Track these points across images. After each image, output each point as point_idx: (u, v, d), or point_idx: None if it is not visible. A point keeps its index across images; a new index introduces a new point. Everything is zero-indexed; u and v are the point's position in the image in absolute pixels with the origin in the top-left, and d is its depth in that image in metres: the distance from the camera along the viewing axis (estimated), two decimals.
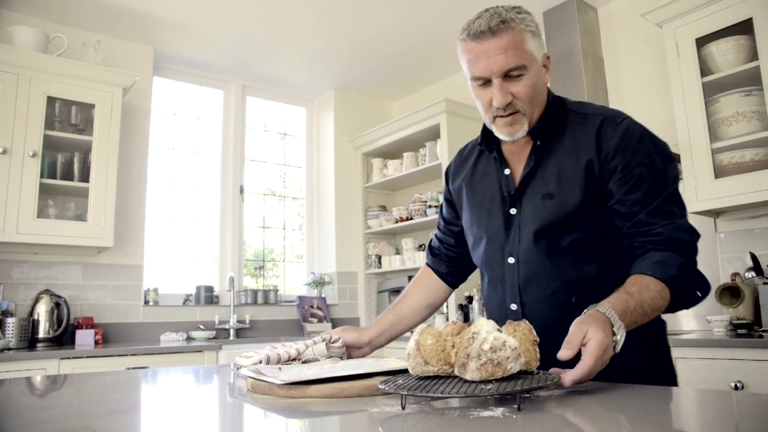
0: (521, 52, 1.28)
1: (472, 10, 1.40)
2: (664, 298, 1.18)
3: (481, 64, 1.29)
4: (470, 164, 1.57)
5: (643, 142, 1.32)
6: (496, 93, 1.29)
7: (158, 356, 3.36)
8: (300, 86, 5.11)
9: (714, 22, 2.88)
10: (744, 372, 2.33)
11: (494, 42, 1.27)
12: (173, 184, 4.55)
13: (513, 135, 1.35)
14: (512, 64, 1.27)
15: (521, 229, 1.38)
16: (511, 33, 1.27)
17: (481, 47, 1.28)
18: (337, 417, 0.92)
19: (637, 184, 1.28)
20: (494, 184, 1.47)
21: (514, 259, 1.39)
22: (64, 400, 1.25)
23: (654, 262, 1.21)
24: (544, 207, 1.35)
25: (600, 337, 1.00)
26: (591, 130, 1.34)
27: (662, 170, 1.31)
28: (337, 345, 1.42)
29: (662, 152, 1.34)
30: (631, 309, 1.12)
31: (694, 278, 1.23)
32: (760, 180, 2.70)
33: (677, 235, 1.25)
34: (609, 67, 3.77)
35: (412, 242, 4.70)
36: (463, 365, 0.92)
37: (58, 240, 3.40)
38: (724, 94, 2.87)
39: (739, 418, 0.83)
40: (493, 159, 1.49)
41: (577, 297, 1.33)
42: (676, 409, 0.83)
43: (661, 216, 1.26)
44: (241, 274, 4.71)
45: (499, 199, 1.44)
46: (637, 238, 1.28)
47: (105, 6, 3.70)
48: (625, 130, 1.32)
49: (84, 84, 3.56)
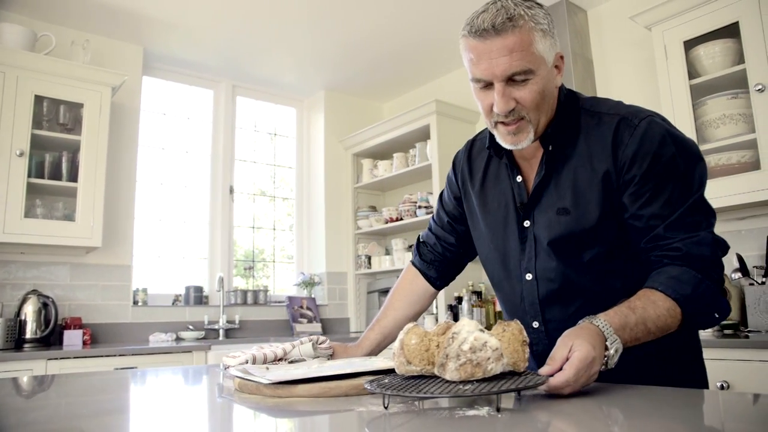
0: (528, 54, 1.15)
1: (464, 12, 1.32)
2: (673, 317, 1.09)
3: (482, 65, 1.16)
4: (481, 167, 1.45)
5: (664, 146, 1.18)
6: (498, 99, 1.17)
7: (147, 356, 3.35)
8: (290, 86, 5.11)
9: (701, 25, 2.91)
10: (730, 372, 2.35)
11: (498, 42, 1.14)
12: (163, 184, 4.53)
13: (516, 144, 1.24)
14: (517, 68, 1.15)
15: (536, 243, 1.30)
16: (518, 32, 1.14)
17: (483, 46, 1.15)
18: (322, 416, 0.92)
19: (654, 195, 1.17)
20: (507, 191, 1.36)
21: (532, 275, 1.31)
22: (51, 401, 1.23)
23: (668, 278, 1.12)
24: (560, 223, 1.25)
25: (585, 349, 0.95)
26: (607, 135, 1.22)
27: (685, 174, 1.18)
28: (323, 346, 1.42)
29: (687, 153, 1.20)
30: (631, 324, 1.05)
31: (711, 298, 1.12)
32: (746, 182, 2.73)
33: (697, 251, 1.13)
34: (598, 68, 3.79)
35: (402, 243, 4.71)
36: (442, 365, 0.91)
37: (45, 240, 3.38)
38: (712, 97, 2.89)
39: (724, 417, 0.83)
40: (504, 164, 1.38)
41: (598, 312, 1.27)
42: (661, 409, 0.83)
43: (682, 229, 1.15)
44: (230, 274, 4.70)
45: (512, 208, 1.34)
46: (655, 252, 1.18)
47: (94, 4, 3.68)
48: (643, 134, 1.19)
49: (72, 83, 3.54)
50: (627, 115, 1.23)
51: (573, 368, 0.93)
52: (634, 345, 1.07)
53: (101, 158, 3.58)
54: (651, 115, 1.23)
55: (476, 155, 1.49)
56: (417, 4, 3.78)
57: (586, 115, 1.28)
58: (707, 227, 1.16)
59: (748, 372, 2.31)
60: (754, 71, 2.71)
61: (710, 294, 1.12)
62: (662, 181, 1.17)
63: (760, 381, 2.26)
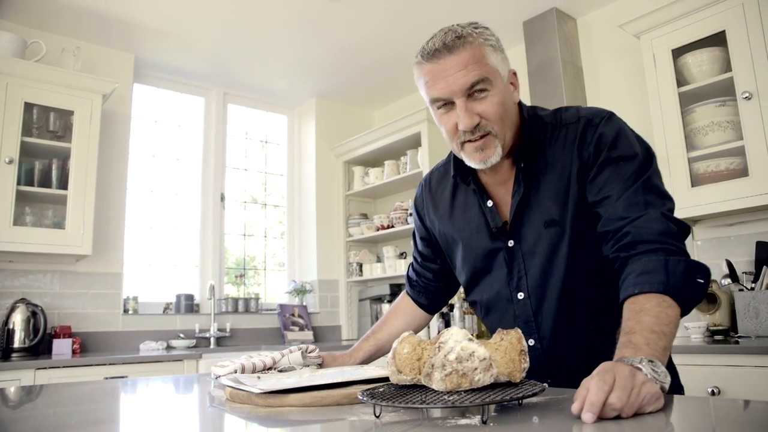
0: (483, 65, 1.18)
1: (455, 20, 1.34)
2: (669, 306, 1.02)
3: (440, 84, 1.18)
4: (446, 199, 1.45)
5: (619, 138, 1.22)
6: (461, 114, 1.18)
7: (137, 365, 3.33)
8: (281, 94, 5.11)
9: (689, 33, 2.94)
10: (720, 377, 2.36)
11: (452, 59, 1.17)
12: (153, 191, 4.51)
13: (486, 161, 1.23)
14: (474, 77, 1.16)
15: (525, 260, 1.29)
16: (470, 48, 1.17)
17: (438, 67, 1.18)
18: (314, 426, 0.92)
19: (608, 180, 1.19)
20: (479, 217, 1.36)
21: (524, 294, 1.30)
22: (39, 412, 1.22)
23: (636, 277, 1.07)
24: (549, 235, 1.25)
25: (602, 366, 0.86)
26: (574, 139, 1.25)
27: (635, 158, 1.19)
28: (313, 354, 1.42)
29: (639, 142, 1.23)
30: (641, 344, 0.94)
31: (685, 271, 1.06)
32: (734, 188, 2.75)
33: (646, 230, 1.11)
34: (588, 76, 3.81)
35: (393, 250, 4.71)
36: (428, 375, 0.90)
37: (35, 248, 3.36)
38: (700, 104, 2.92)
39: (715, 423, 0.84)
40: (471, 191, 1.37)
41: (594, 325, 1.28)
42: (653, 417, 0.83)
43: (631, 208, 1.14)
44: (221, 282, 4.68)
45: (487, 233, 1.34)
46: (607, 244, 1.17)
47: (84, 12, 3.67)
48: (603, 130, 1.23)
49: (63, 90, 3.52)
50: (589, 116, 1.27)
51: (594, 380, 0.81)
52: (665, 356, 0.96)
53: (91, 166, 3.57)
54: (610, 114, 1.27)
55: (436, 188, 1.50)
56: (408, 12, 3.80)
57: (552, 128, 1.30)
58: (659, 207, 1.14)
59: (739, 377, 2.32)
60: (741, 79, 2.74)
61: (683, 268, 1.06)
62: (616, 166, 1.19)
63: (750, 386, 2.27)
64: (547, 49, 3.74)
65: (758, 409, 0.92)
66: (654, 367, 0.88)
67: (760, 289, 2.71)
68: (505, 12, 3.82)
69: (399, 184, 4.75)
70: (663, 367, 0.89)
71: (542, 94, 3.68)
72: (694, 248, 3.16)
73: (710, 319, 2.85)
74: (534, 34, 3.84)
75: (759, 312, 2.65)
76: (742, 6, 2.75)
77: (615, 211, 1.16)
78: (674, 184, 2.92)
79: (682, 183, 2.91)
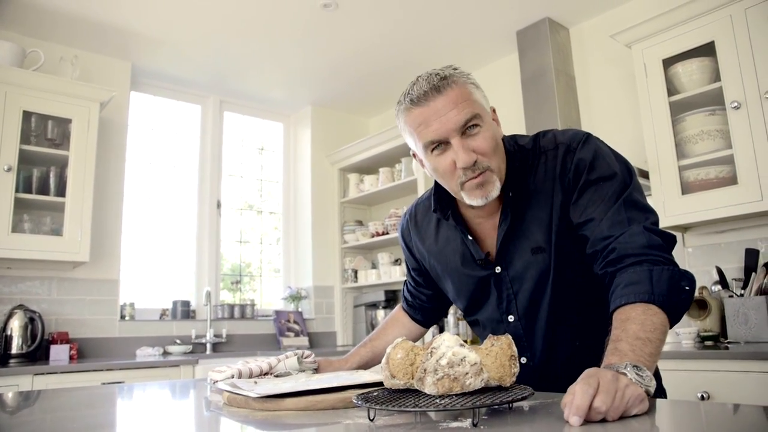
0: (471, 102, 1.20)
1: (447, 28, 1.37)
2: (655, 314, 1.05)
3: (433, 126, 1.19)
4: (431, 233, 1.49)
5: (597, 158, 1.25)
6: (459, 153, 1.19)
7: (134, 371, 3.34)
8: (277, 102, 5.14)
9: (680, 43, 2.98)
10: (710, 383, 2.39)
11: (441, 100, 1.18)
12: (150, 198, 4.53)
13: (487, 196, 1.24)
14: (467, 114, 1.18)
15: (514, 286, 1.34)
16: (456, 87, 1.19)
17: (429, 110, 1.19)
18: (310, 429, 0.94)
19: (590, 201, 1.22)
20: (464, 251, 1.40)
21: (514, 317, 1.35)
22: (37, 417, 1.22)
23: (623, 288, 1.10)
24: (537, 261, 1.29)
25: (586, 372, 0.89)
26: (556, 167, 1.28)
27: (615, 177, 1.22)
28: (308, 360, 1.45)
29: (618, 160, 1.27)
30: (626, 350, 0.97)
31: (669, 279, 1.09)
32: (723, 196, 2.79)
33: (631, 245, 1.14)
34: (580, 85, 3.86)
35: (388, 257, 4.73)
36: (420, 379, 0.93)
37: (33, 255, 3.38)
38: (690, 113, 2.96)
39: (706, 428, 0.86)
40: (452, 226, 1.41)
41: (581, 341, 1.33)
42: (645, 421, 0.85)
43: (615, 226, 1.17)
44: (217, 288, 4.70)
45: (473, 264, 1.38)
46: (597, 263, 1.20)
47: (82, 21, 3.70)
48: (581, 154, 1.26)
49: (61, 99, 3.55)
50: (567, 142, 1.29)
51: (579, 385, 0.84)
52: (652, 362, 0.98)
53: (89, 173, 3.59)
54: (587, 135, 1.30)
55: (422, 222, 1.53)
56: (403, 22, 3.83)
57: (532, 155, 1.32)
58: (642, 222, 1.17)
59: (728, 382, 2.35)
60: (730, 89, 2.78)
61: (667, 275, 1.09)
62: (599, 188, 1.22)
63: (739, 391, 2.30)
64: (540, 59, 3.78)
65: (747, 413, 0.94)
66: (638, 372, 0.90)
67: (749, 296, 2.75)
68: (498, 22, 3.86)
69: (394, 191, 4.78)
70: (648, 372, 0.91)
71: (535, 102, 3.73)
72: (685, 255, 3.19)
73: (701, 325, 2.88)
74: (527, 44, 3.89)
75: (748, 318, 2.69)
76: (730, 18, 2.80)
77: (600, 231, 1.19)
78: (665, 192, 2.96)
79: (672, 191, 2.95)
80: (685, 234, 3.20)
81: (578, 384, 0.84)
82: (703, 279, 3.10)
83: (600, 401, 0.81)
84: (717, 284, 2.97)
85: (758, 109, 2.69)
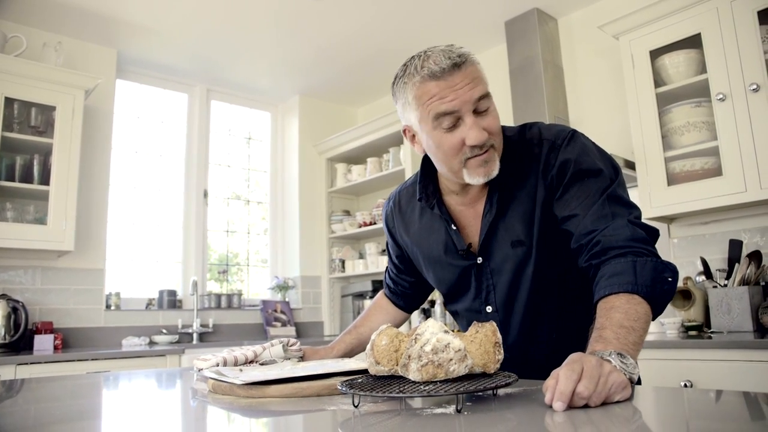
0: (483, 81, 1.22)
1: (436, 18, 1.37)
2: (638, 303, 1.06)
3: (449, 98, 1.19)
4: (415, 220, 1.50)
5: (582, 154, 1.26)
6: (473, 130, 1.19)
7: (120, 360, 3.33)
8: (265, 91, 5.11)
9: (667, 35, 2.99)
10: (693, 371, 2.42)
11: (459, 75, 1.19)
12: (136, 187, 4.50)
13: (489, 174, 1.24)
14: (482, 91, 1.20)
15: (493, 277, 1.35)
16: (472, 66, 1.21)
17: (446, 83, 1.19)
18: (295, 416, 0.94)
19: (574, 196, 1.24)
20: (447, 240, 1.40)
21: (492, 307, 1.37)
22: (20, 408, 1.20)
23: (607, 279, 1.12)
24: (516, 255, 1.31)
25: (570, 357, 0.90)
26: (540, 162, 1.29)
27: (599, 173, 1.24)
28: (294, 348, 1.45)
29: (601, 156, 1.28)
30: (610, 338, 0.99)
31: (653, 270, 1.10)
32: (708, 188, 2.81)
33: (615, 238, 1.16)
34: (568, 76, 3.87)
35: (375, 247, 4.74)
36: (404, 366, 0.93)
37: (16, 243, 3.35)
38: (676, 105, 2.98)
39: (689, 414, 0.87)
40: (436, 215, 1.42)
41: (558, 333, 1.34)
42: (628, 407, 0.86)
43: (599, 221, 1.19)
44: (204, 278, 4.68)
45: (455, 254, 1.39)
46: (581, 256, 1.21)
47: (65, 7, 3.65)
48: (565, 151, 1.27)
49: (44, 86, 3.51)
50: (552, 138, 1.30)
51: (563, 370, 0.85)
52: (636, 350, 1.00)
53: (74, 161, 3.56)
54: (573, 132, 1.31)
55: (406, 208, 1.54)
56: (390, 10, 3.82)
57: (516, 146, 1.33)
58: (626, 216, 1.19)
59: (711, 371, 2.38)
60: (716, 81, 2.80)
61: (650, 266, 1.11)
62: (584, 184, 1.23)
63: (721, 379, 2.33)
64: (528, 49, 3.78)
65: (728, 399, 0.96)
66: (622, 359, 0.91)
67: (732, 286, 2.78)
68: (487, 12, 3.86)
69: (381, 181, 4.78)
70: (632, 360, 0.93)
71: (523, 93, 3.73)
72: (670, 246, 3.22)
73: (685, 315, 2.91)
74: (515, 34, 3.89)
75: (731, 308, 2.72)
76: (716, 10, 2.81)
77: (585, 226, 1.20)
78: (651, 183, 2.98)
79: (658, 182, 2.97)
80: (671, 225, 3.23)
81: (562, 368, 0.85)
82: (687, 269, 3.13)
83: (583, 386, 0.82)
84: (701, 275, 3.00)
85: (743, 101, 2.71)
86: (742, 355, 2.30)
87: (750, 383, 2.25)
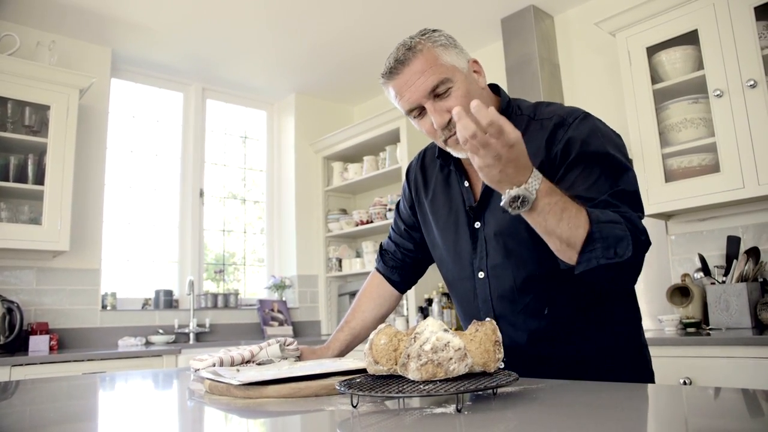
0: (438, 67, 1.26)
1: (431, 14, 1.40)
2: (582, 227, 1.06)
3: (406, 95, 1.28)
4: (433, 176, 1.53)
5: (593, 136, 1.24)
6: (433, 115, 1.26)
7: (116, 361, 3.32)
8: (260, 90, 5.10)
9: (663, 32, 2.99)
10: (692, 369, 2.42)
11: (407, 71, 1.27)
12: (132, 187, 4.48)
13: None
14: (433, 81, 1.25)
15: (487, 242, 1.36)
16: (420, 56, 1.26)
17: (399, 80, 1.28)
18: (293, 417, 0.93)
19: (580, 178, 1.20)
20: (457, 196, 1.44)
21: (484, 273, 1.37)
22: (15, 409, 1.19)
23: (590, 207, 1.11)
24: (508, 222, 1.30)
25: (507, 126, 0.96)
26: (544, 135, 1.28)
27: (611, 164, 1.21)
28: (291, 347, 1.43)
29: (614, 146, 1.25)
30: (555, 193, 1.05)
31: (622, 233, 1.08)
32: (706, 184, 2.81)
33: (619, 215, 1.12)
34: (565, 73, 3.86)
35: (372, 245, 4.73)
36: (404, 365, 0.92)
37: (11, 244, 3.33)
38: (674, 101, 2.97)
39: (687, 411, 0.87)
40: (452, 171, 1.46)
41: (549, 308, 1.32)
42: (627, 404, 0.86)
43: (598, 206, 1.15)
44: (201, 277, 4.67)
45: (463, 211, 1.41)
46: None
47: (59, 5, 3.63)
48: (574, 129, 1.25)
49: (38, 85, 3.48)
50: (564, 116, 1.30)
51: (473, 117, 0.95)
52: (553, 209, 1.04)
53: (68, 161, 3.53)
54: (586, 114, 1.30)
55: (429, 164, 1.58)
56: (384, 8, 3.81)
57: (528, 120, 1.34)
58: (630, 211, 1.16)
59: (710, 368, 2.38)
60: (713, 77, 2.79)
61: (623, 233, 1.08)
62: (588, 166, 1.20)
63: (720, 377, 2.33)
64: (524, 46, 3.78)
65: (727, 396, 0.95)
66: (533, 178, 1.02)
67: (730, 283, 2.77)
68: (483, 9, 3.85)
69: (378, 179, 4.77)
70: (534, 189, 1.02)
71: (520, 90, 3.72)
72: (668, 243, 3.22)
73: (683, 312, 2.91)
74: (512, 31, 3.88)
75: (729, 304, 2.71)
76: (713, 6, 2.80)
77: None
78: (648, 179, 2.97)
79: (656, 178, 2.96)
80: (668, 221, 3.22)
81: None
82: (685, 266, 3.13)
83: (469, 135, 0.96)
84: (699, 271, 3.00)
85: (740, 97, 2.70)
86: (741, 352, 2.30)
87: (749, 380, 2.25)
